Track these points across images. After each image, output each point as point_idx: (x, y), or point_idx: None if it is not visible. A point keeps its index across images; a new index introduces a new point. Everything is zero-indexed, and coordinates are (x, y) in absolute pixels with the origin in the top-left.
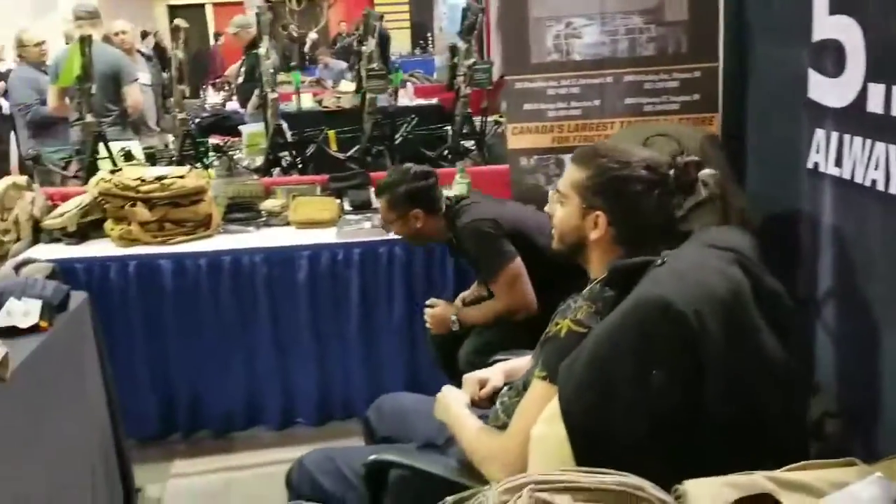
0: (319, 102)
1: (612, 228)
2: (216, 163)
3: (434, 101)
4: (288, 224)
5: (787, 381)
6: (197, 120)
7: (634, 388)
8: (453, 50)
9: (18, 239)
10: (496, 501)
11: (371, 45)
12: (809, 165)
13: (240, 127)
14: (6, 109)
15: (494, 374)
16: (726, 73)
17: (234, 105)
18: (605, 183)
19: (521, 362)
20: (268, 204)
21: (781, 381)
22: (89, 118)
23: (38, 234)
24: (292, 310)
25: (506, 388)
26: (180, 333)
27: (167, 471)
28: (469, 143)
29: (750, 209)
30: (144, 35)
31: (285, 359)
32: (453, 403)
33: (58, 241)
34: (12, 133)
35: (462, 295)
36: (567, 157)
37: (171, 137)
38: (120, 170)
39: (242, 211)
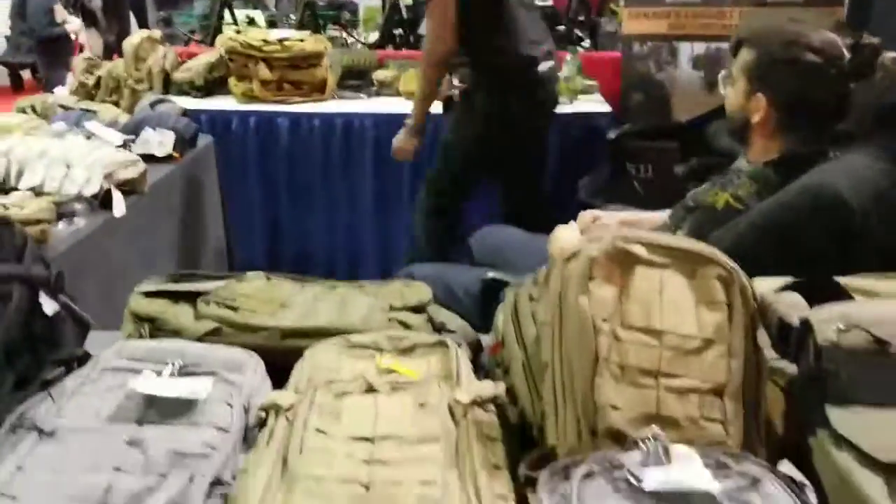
0: None
1: (775, 112)
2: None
3: (549, 1)
4: (398, 94)
5: None
6: None
7: (785, 266)
8: None
9: (150, 88)
10: (580, 246)
11: None
12: None
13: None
14: None
15: (611, 217)
16: None
17: None
18: (768, 66)
19: (641, 216)
20: (380, 74)
21: None
22: None
23: (168, 86)
24: (396, 172)
25: None
26: (291, 186)
27: None
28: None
29: None
30: None
31: (386, 216)
32: (568, 240)
33: (185, 93)
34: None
35: None
36: (681, 45)
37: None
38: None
39: (356, 79)
